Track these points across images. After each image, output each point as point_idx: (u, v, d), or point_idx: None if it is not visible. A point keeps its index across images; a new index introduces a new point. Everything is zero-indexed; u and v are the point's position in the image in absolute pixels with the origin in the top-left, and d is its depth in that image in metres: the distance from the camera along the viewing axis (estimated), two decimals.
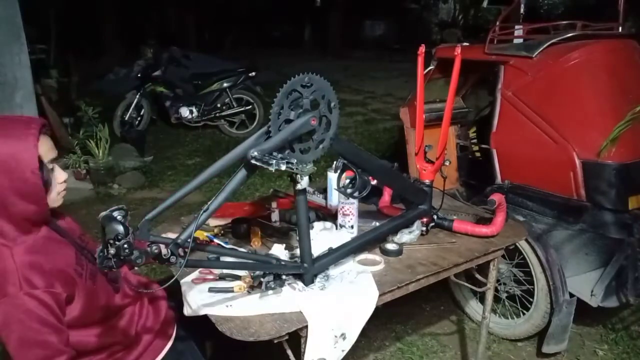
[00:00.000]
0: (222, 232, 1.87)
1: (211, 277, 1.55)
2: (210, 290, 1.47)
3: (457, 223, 1.88)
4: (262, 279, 1.43)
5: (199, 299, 1.45)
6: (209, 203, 1.29)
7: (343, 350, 1.40)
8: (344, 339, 1.39)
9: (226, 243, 1.76)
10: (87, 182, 4.49)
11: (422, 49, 1.86)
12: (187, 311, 1.46)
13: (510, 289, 2.52)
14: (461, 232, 1.87)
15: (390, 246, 1.71)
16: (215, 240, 1.77)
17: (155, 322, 1.52)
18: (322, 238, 1.72)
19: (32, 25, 5.50)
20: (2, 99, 4.91)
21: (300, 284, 1.47)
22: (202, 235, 1.78)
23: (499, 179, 2.68)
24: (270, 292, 1.43)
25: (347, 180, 1.58)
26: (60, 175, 1.31)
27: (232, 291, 1.45)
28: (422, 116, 1.91)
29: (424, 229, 1.83)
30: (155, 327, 1.51)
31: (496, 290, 2.39)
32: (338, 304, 1.41)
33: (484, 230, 1.85)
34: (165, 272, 2.87)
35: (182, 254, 1.20)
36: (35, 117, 1.45)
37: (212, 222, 1.89)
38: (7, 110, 4.95)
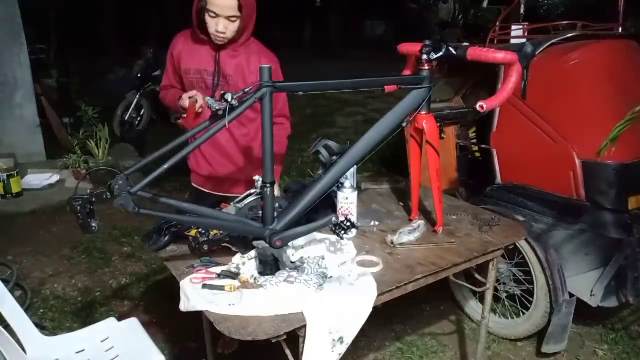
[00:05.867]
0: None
1: (210, 276, 1.55)
2: (204, 287, 1.47)
3: (472, 50, 1.66)
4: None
5: (198, 297, 1.44)
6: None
7: (340, 354, 1.40)
8: (342, 342, 1.39)
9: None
10: (87, 182, 4.49)
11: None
12: (183, 307, 1.46)
13: (510, 288, 2.52)
14: (476, 60, 1.65)
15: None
16: None
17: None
18: (321, 243, 1.72)
19: (32, 25, 5.50)
20: (2, 99, 4.92)
21: (299, 278, 1.47)
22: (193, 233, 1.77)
23: (499, 179, 2.68)
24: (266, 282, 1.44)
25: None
26: (213, 25, 1.84)
27: (223, 289, 1.45)
28: None
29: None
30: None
31: (496, 290, 2.39)
32: (337, 307, 1.40)
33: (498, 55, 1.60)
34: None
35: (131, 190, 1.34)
36: None
37: None
38: (7, 110, 4.96)
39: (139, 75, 6.01)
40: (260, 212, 1.57)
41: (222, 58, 1.97)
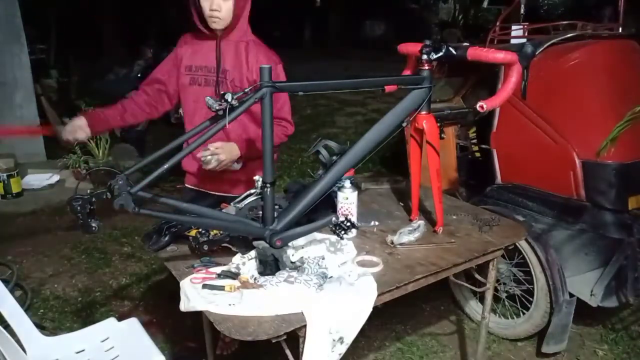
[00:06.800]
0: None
1: (210, 276, 1.55)
2: (204, 287, 1.47)
3: (472, 50, 1.66)
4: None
5: (198, 297, 1.44)
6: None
7: (340, 354, 1.40)
8: (342, 342, 1.39)
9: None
10: (87, 182, 4.49)
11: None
12: (183, 307, 1.46)
13: (510, 288, 2.52)
14: (476, 60, 1.65)
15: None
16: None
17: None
18: (321, 243, 1.72)
19: (32, 25, 5.50)
20: (2, 99, 4.92)
21: (299, 278, 1.47)
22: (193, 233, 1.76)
23: (499, 179, 2.68)
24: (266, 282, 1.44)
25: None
26: (207, 6, 1.85)
27: (223, 289, 1.45)
28: None
29: None
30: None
31: (496, 290, 2.39)
32: (337, 307, 1.40)
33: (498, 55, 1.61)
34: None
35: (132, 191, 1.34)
36: None
37: None
38: (7, 110, 4.96)
39: (139, 75, 6.00)
40: (260, 212, 1.57)
41: (223, 53, 1.97)
